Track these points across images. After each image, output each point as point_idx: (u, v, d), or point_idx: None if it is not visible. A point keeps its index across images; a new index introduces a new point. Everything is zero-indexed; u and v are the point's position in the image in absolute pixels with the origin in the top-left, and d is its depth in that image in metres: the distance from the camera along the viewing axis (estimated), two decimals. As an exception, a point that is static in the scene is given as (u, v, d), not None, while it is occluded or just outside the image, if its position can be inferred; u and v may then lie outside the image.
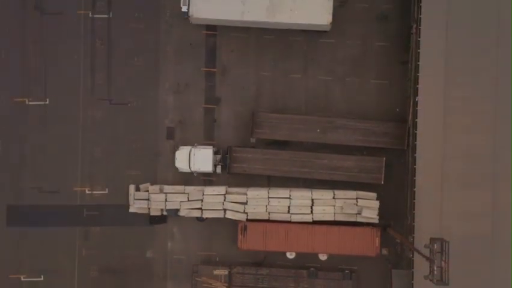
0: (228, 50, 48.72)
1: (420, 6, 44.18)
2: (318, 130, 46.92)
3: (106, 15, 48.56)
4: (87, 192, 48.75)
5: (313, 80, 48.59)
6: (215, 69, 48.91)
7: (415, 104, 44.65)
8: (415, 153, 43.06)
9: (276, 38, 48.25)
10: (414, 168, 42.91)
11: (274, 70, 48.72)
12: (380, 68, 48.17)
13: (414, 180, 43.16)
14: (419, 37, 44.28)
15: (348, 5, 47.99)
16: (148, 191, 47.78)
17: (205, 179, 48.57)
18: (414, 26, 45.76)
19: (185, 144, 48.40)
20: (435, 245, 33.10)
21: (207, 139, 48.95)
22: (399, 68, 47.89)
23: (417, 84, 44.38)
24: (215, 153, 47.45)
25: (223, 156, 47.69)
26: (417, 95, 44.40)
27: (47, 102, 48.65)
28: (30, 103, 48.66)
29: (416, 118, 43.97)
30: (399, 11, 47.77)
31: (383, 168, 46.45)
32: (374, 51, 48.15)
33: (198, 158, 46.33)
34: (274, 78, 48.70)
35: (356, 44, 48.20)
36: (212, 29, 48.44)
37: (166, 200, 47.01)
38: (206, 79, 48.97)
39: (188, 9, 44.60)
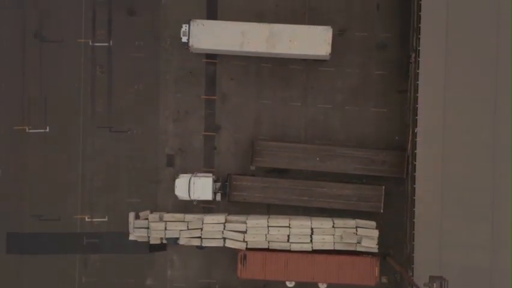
0: (228, 78, 48.98)
1: (419, 38, 44.59)
2: (318, 158, 47.12)
3: (106, 44, 48.81)
4: (87, 220, 48.87)
5: (312, 108, 48.83)
6: (215, 97, 49.15)
7: (414, 133, 44.94)
8: (414, 183, 43.25)
9: (276, 66, 48.49)
10: (414, 199, 43.08)
11: (274, 98, 48.98)
12: (379, 96, 48.45)
13: (414, 210, 43.32)
14: (418, 67, 44.65)
15: (347, 33, 48.29)
16: (147, 219, 47.90)
17: (204, 206, 48.71)
18: (413, 55, 46.15)
19: (185, 171, 48.60)
20: (434, 284, 33.21)
21: (206, 166, 49.17)
22: (398, 96, 48.10)
23: (416, 114, 44.72)
24: (215, 181, 47.67)
25: (223, 184, 47.83)
26: (416, 125, 44.73)
27: (47, 130, 48.86)
28: (30, 131, 48.89)
29: (415, 149, 44.18)
30: (397, 40, 48.08)
31: (382, 197, 46.64)
32: (373, 80, 48.44)
33: (198, 187, 46.44)
34: (274, 106, 48.95)
35: (355, 72, 48.48)
36: (212, 57, 48.66)
37: (165, 229, 47.03)
38: (206, 107, 49.20)
39: (188, 40, 44.83)
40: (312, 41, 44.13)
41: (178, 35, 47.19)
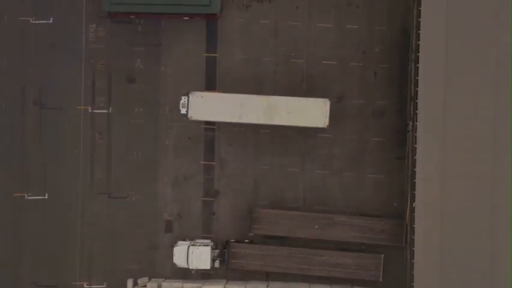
0: (227, 144, 49.22)
1: (416, 103, 44.91)
2: (317, 226, 47.20)
3: (105, 111, 49.15)
4: (85, 286, 48.70)
5: (310, 174, 49.03)
6: (213, 163, 49.37)
7: (412, 201, 45.12)
8: (413, 258, 43.34)
9: (274, 132, 48.70)
10: (413, 274, 43.16)
11: (273, 163, 49.24)
12: (376, 162, 48.65)
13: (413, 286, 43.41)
14: (415, 134, 44.97)
15: (345, 100, 48.64)
16: (145, 286, 47.84)
17: (203, 273, 48.55)
18: (410, 123, 46.52)
19: (184, 237, 48.65)
20: None
21: (205, 232, 49.18)
22: (396, 163, 48.40)
23: (414, 179, 44.89)
24: (213, 248, 47.68)
25: (222, 251, 47.91)
26: (414, 191, 44.86)
27: (46, 197, 49.05)
28: (29, 198, 49.03)
29: (414, 219, 44.36)
30: (395, 107, 48.41)
31: (381, 266, 46.68)
32: (371, 146, 48.72)
33: (196, 256, 46.43)
34: (273, 171, 49.16)
35: (352, 139, 48.74)
36: (211, 123, 48.85)
37: (164, 298, 47.16)
38: (205, 172, 49.39)
39: (187, 111, 45.17)
40: (310, 113, 44.50)
41: (177, 101, 47.47)
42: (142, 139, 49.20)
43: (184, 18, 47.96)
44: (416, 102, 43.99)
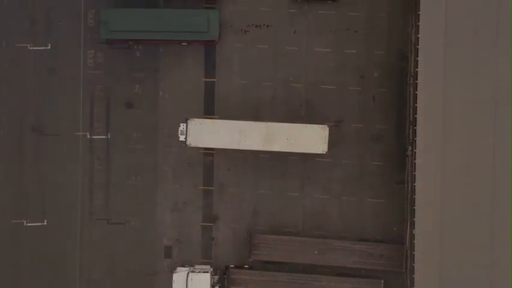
0: (225, 169, 49.11)
1: (415, 129, 44.93)
2: (316, 252, 47.04)
3: (104, 136, 49.09)
4: (84, 313, 48.88)
5: (310, 198, 48.93)
6: (212, 188, 49.27)
7: (412, 227, 45.01)
8: (413, 286, 43.16)
9: (273, 157, 48.60)
10: (413, 302, 43.11)
11: (271, 188, 49.11)
12: (376, 187, 48.56)
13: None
14: (414, 160, 44.92)
15: (344, 125, 48.59)
16: (145, 312, 47.85)
17: (203, 298, 48.78)
18: (410, 148, 46.46)
19: (183, 263, 48.46)
20: None
21: (204, 257, 49.01)
22: (396, 187, 48.32)
23: (414, 206, 44.78)
24: (213, 274, 47.49)
25: (221, 277, 47.71)
26: (414, 218, 44.80)
27: (45, 223, 48.90)
28: (28, 224, 48.85)
29: (414, 250, 44.27)
30: (394, 131, 48.32)
31: (381, 291, 46.77)
32: (370, 171, 48.64)
33: (196, 283, 46.12)
34: (272, 196, 49.03)
35: (351, 163, 48.66)
36: (209, 148, 48.76)
37: (164, 325, 47.04)
38: (204, 197, 49.27)
39: (186, 138, 45.09)
40: (308, 139, 44.43)
41: (176, 127, 47.49)
42: (141, 164, 49.12)
43: (183, 43, 48.20)
44: (415, 129, 44.08)
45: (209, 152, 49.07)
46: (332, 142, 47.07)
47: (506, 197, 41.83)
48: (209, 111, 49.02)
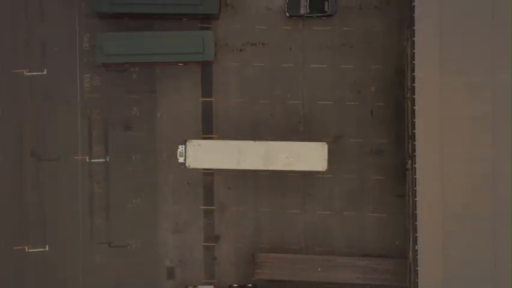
0: (226, 188, 48.98)
1: (414, 145, 44.81)
2: (319, 269, 46.86)
3: (103, 160, 49.00)
4: (89, 337, 48.66)
5: (311, 215, 48.78)
6: (213, 207, 49.17)
7: (415, 243, 44.86)
8: (417, 301, 43.11)
9: (273, 174, 48.44)
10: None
11: (272, 205, 49.00)
12: (377, 201, 48.39)
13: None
14: (415, 175, 44.83)
15: (343, 140, 48.52)
16: (150, 335, 47.65)
17: (207, 320, 48.64)
18: (409, 162, 46.35)
19: (186, 283, 48.22)
20: None
21: (207, 277, 48.82)
22: (397, 201, 48.16)
23: (416, 221, 44.70)
24: (216, 294, 47.53)
25: (225, 297, 47.69)
26: (416, 233, 44.68)
27: (47, 249, 48.81)
28: (29, 250, 48.76)
29: (417, 265, 44.12)
30: (393, 145, 48.21)
31: (386, 307, 46.60)
32: (371, 185, 48.48)
33: (199, 304, 46.33)
34: (273, 214, 48.90)
35: (352, 178, 48.51)
36: (209, 168, 48.67)
37: None
38: (205, 217, 49.11)
39: (185, 160, 44.98)
40: (308, 157, 44.28)
41: (174, 147, 47.35)
42: (141, 186, 48.98)
43: (179, 64, 48.12)
44: (414, 144, 43.97)
45: (209, 171, 48.89)
46: (332, 158, 46.95)
47: (508, 209, 41.73)
48: (207, 131, 48.97)
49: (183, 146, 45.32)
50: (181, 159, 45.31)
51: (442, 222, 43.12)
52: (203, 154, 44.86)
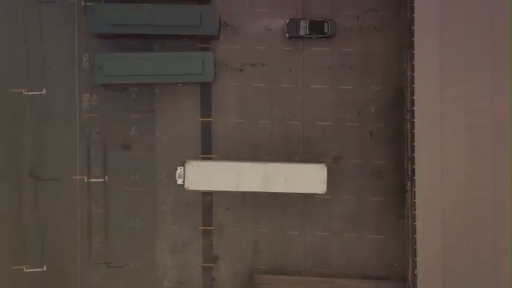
0: (225, 208, 48.77)
1: (414, 168, 44.63)
2: (318, 291, 46.88)
3: (101, 179, 48.85)
4: None
5: (310, 236, 48.55)
6: (212, 227, 48.97)
7: (414, 267, 44.61)
8: (417, 325, 42.85)
9: (272, 195, 48.15)
10: None
11: (272, 226, 48.80)
12: (377, 222, 48.17)
13: None
14: (414, 198, 44.64)
15: (342, 161, 48.39)
16: None
17: None
18: (409, 183, 46.16)
19: (184, 304, 48.31)
20: None
21: (206, 298, 48.92)
22: (396, 222, 47.93)
23: (415, 245, 44.50)
24: (215, 316, 47.28)
25: (223, 319, 47.43)
26: (415, 257, 44.43)
27: (45, 269, 48.49)
28: (27, 270, 48.50)
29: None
30: (393, 166, 48.02)
31: (385, 330, 46.27)
32: (370, 206, 48.27)
33: (198, 327, 46.09)
34: (272, 234, 48.69)
35: (351, 199, 48.32)
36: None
37: None
38: (203, 237, 48.87)
39: (183, 181, 44.83)
40: (307, 179, 44.16)
41: (173, 167, 47.28)
42: (139, 206, 48.78)
43: (178, 84, 48.02)
44: (413, 168, 43.78)
45: (207, 191, 48.80)
46: (331, 179, 46.78)
47: (508, 233, 41.52)
48: (207, 151, 48.79)
49: (182, 167, 45.21)
50: (179, 181, 45.18)
51: (442, 247, 42.99)
52: (202, 176, 44.71)
